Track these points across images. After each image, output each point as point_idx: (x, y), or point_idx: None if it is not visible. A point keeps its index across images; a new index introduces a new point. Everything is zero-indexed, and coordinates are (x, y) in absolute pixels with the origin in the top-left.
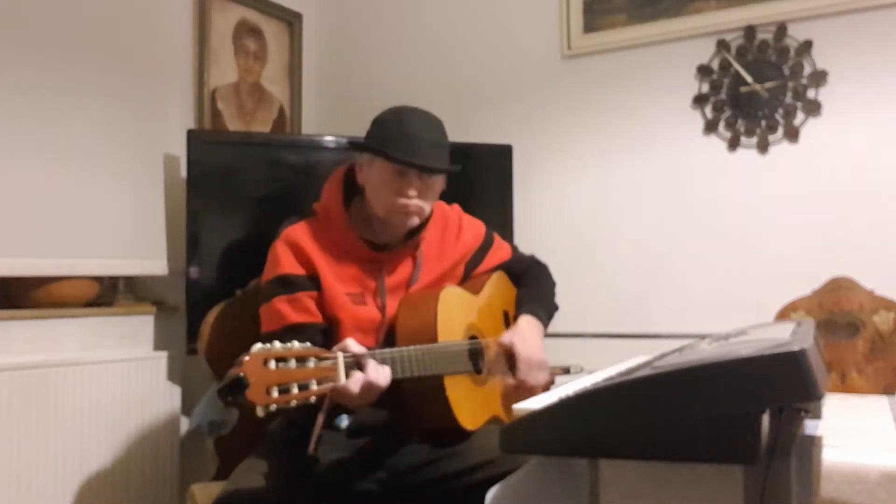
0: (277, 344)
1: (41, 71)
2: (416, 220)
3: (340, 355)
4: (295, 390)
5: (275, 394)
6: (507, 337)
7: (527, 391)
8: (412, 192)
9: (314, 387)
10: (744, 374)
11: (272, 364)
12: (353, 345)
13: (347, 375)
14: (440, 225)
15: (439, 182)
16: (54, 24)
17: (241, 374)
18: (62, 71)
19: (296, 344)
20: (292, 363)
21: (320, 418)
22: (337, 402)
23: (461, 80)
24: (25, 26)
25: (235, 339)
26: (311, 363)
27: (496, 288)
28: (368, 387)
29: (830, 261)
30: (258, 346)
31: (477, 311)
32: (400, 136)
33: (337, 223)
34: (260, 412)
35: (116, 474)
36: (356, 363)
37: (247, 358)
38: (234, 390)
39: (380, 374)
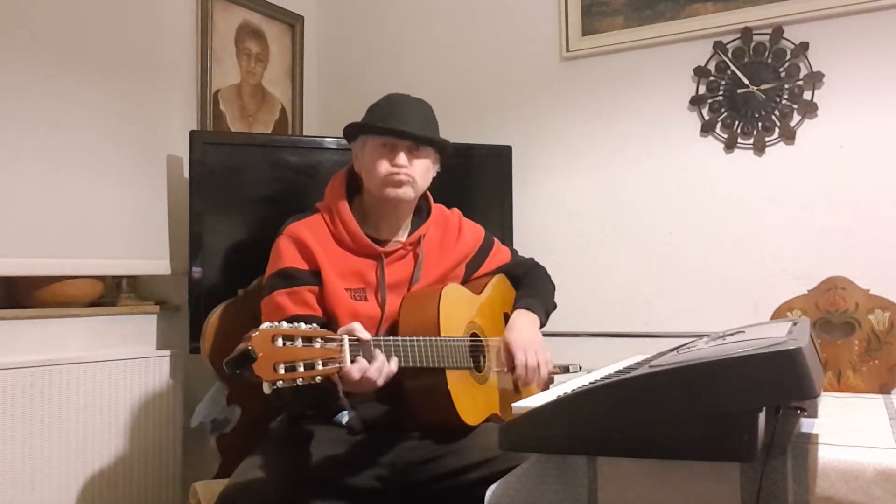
0: (285, 323)
1: (45, 73)
2: (409, 192)
3: (346, 338)
4: (301, 369)
5: (281, 370)
6: (504, 336)
7: (531, 373)
8: (401, 160)
9: (319, 367)
10: (740, 372)
11: (279, 342)
12: (359, 329)
13: (353, 360)
14: (441, 226)
15: (430, 155)
16: (57, 26)
17: (250, 347)
18: (66, 73)
19: (302, 325)
20: (299, 342)
21: (340, 393)
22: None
23: (461, 82)
24: (29, 29)
25: (238, 338)
26: (318, 344)
27: (497, 289)
28: (366, 380)
29: (826, 260)
30: (266, 324)
31: (478, 309)
32: (387, 113)
33: (340, 217)
34: (266, 388)
35: (119, 472)
36: (361, 347)
37: (255, 333)
38: (242, 363)
39: (383, 372)
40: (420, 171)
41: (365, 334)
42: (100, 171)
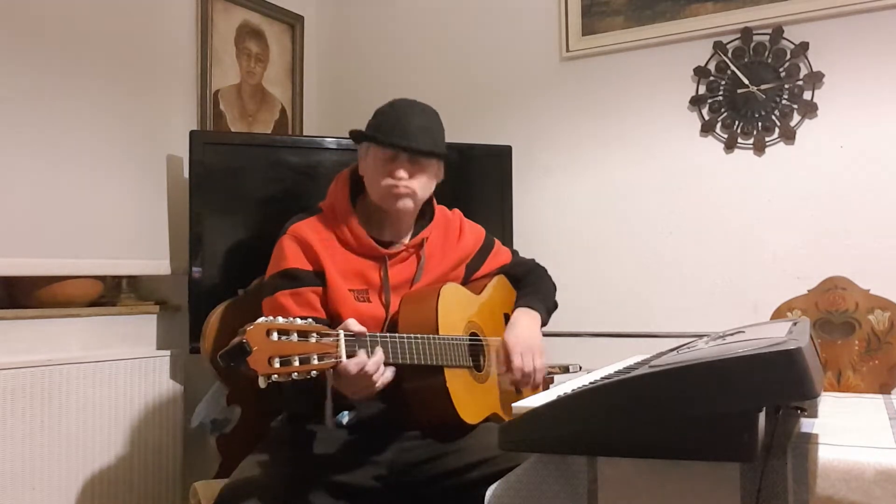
0: (280, 318)
1: (46, 73)
2: (409, 203)
3: (342, 333)
4: (296, 363)
5: (276, 364)
6: (504, 336)
7: (525, 378)
8: (402, 174)
9: (315, 361)
10: (740, 372)
11: (274, 336)
12: (354, 324)
13: (349, 355)
14: (442, 227)
15: (432, 167)
16: (58, 27)
17: (245, 340)
18: (66, 73)
19: (297, 320)
20: (294, 337)
21: (328, 394)
22: (336, 389)
23: (461, 82)
24: (30, 30)
25: None
26: (313, 339)
27: (497, 290)
28: (364, 376)
29: (826, 260)
30: (262, 318)
31: (477, 309)
32: (390, 123)
33: (343, 219)
34: (261, 382)
35: (120, 472)
36: (357, 343)
37: (250, 327)
38: (237, 356)
39: (381, 371)
40: (421, 183)
41: (360, 328)
42: (100, 171)
